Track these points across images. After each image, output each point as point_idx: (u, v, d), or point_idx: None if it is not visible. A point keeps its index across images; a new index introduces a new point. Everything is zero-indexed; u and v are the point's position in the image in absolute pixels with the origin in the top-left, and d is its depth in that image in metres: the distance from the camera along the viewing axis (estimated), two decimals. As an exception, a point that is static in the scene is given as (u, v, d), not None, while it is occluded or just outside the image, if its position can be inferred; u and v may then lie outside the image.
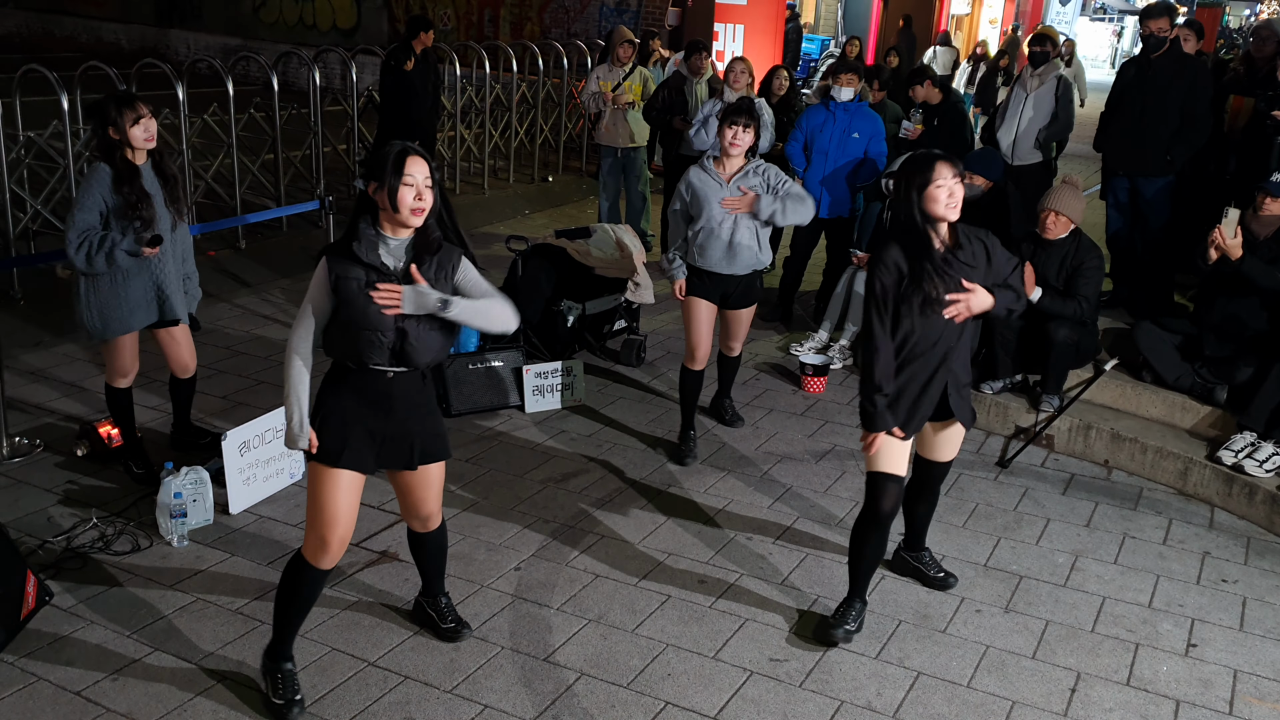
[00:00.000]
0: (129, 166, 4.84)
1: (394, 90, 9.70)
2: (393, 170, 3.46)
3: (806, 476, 5.77)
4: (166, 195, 4.98)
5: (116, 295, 4.94)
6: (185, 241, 5.23)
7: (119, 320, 4.99)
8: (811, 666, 4.18)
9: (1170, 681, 4.19)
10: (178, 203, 5.04)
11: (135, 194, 4.81)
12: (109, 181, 4.79)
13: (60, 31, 23.79)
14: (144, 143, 4.84)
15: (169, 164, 5.05)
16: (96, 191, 4.77)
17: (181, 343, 5.31)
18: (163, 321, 5.16)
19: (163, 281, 5.04)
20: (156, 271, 5.01)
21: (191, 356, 5.39)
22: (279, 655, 3.84)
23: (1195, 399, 6.14)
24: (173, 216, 5.02)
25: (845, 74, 7.73)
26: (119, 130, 4.80)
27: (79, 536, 4.83)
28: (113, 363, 5.18)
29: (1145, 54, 7.08)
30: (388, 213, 3.52)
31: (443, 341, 3.69)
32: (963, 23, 28.11)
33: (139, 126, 4.81)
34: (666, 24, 15.51)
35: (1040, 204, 6.26)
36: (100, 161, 4.84)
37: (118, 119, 4.79)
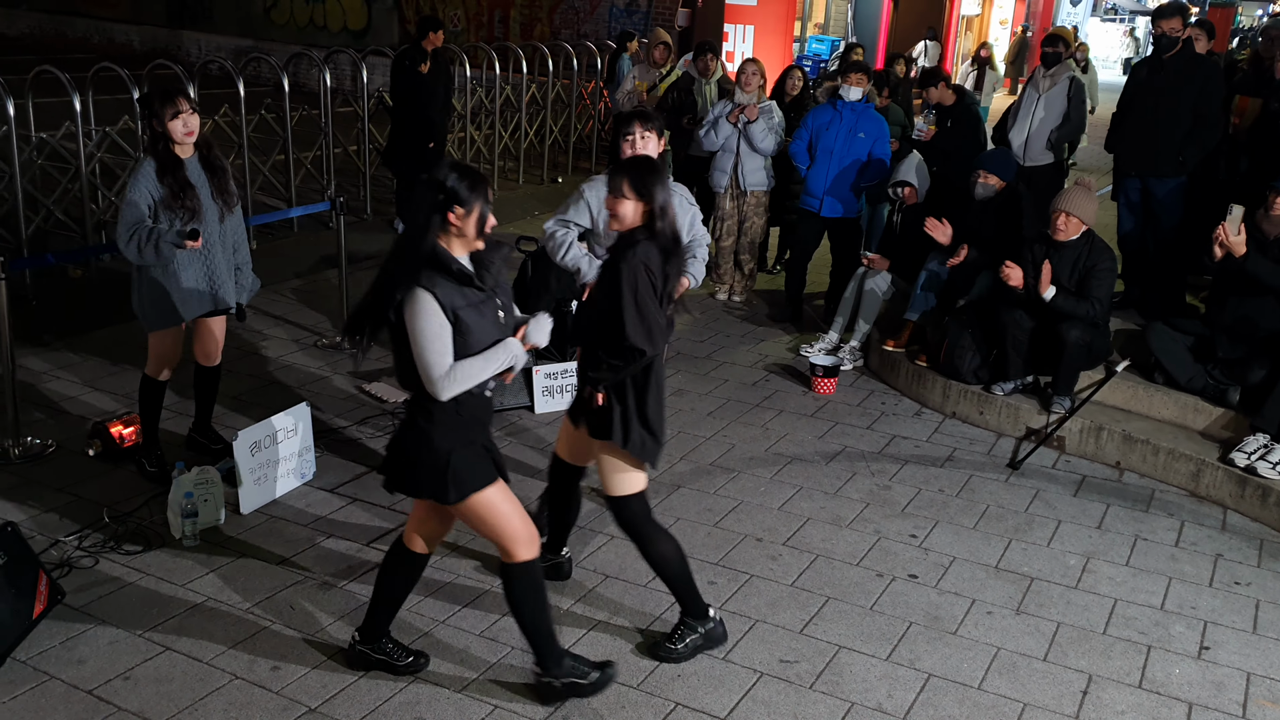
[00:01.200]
0: (172, 158, 4.94)
1: (408, 91, 9.71)
2: (481, 196, 3.47)
3: (816, 478, 5.76)
4: (214, 186, 5.07)
5: (169, 286, 5.04)
6: (237, 232, 5.33)
7: (171, 310, 5.10)
8: (822, 668, 4.17)
9: (1183, 684, 4.18)
10: (226, 193, 5.13)
11: (179, 185, 4.92)
12: (154, 174, 4.90)
13: (73, 33, 23.88)
14: (183, 136, 4.93)
15: (217, 156, 5.15)
16: (143, 185, 4.88)
17: (216, 332, 5.41)
18: (214, 311, 5.26)
19: (214, 271, 5.16)
20: (207, 262, 5.12)
21: (220, 346, 5.47)
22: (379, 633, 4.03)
23: (1207, 400, 6.12)
24: (220, 207, 5.11)
25: (854, 74, 7.73)
26: (160, 123, 4.90)
27: (90, 536, 4.84)
28: (155, 352, 5.25)
29: (1157, 54, 7.05)
30: (464, 238, 3.50)
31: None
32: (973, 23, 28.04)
33: (178, 121, 4.90)
34: (676, 25, 15.50)
35: (1052, 205, 6.24)
36: (147, 156, 4.95)
37: (159, 112, 4.89)
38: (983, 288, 6.86)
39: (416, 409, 3.60)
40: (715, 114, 8.16)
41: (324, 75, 10.19)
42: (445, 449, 3.57)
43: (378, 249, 9.58)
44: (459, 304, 3.46)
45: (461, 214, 3.45)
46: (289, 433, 5.29)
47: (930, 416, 6.69)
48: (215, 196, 5.08)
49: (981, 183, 6.94)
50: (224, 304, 5.26)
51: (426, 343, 3.42)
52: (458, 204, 3.44)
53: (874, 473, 5.87)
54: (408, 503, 5.21)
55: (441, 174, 3.46)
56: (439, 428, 3.57)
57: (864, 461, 6.00)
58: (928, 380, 6.84)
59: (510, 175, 12.63)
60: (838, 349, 7.50)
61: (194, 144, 5.02)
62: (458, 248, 3.52)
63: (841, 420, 6.57)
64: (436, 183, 3.44)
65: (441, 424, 3.56)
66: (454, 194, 3.44)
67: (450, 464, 3.57)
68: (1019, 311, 6.28)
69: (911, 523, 5.34)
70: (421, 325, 3.41)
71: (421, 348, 3.43)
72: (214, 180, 5.09)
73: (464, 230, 3.48)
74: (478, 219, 3.48)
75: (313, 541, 4.87)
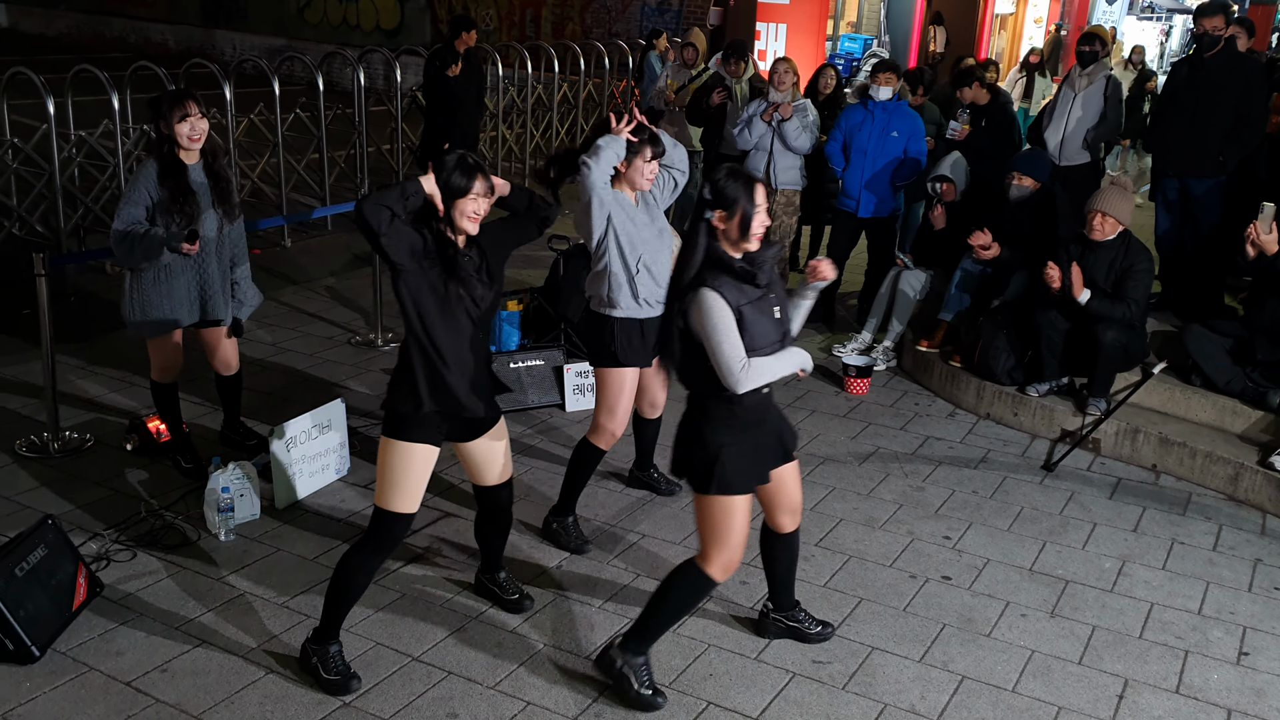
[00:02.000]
0: (176, 162, 4.90)
1: (439, 92, 9.75)
2: (748, 197, 3.54)
3: (850, 478, 5.74)
4: (215, 195, 5.01)
5: (159, 293, 4.99)
6: (237, 244, 5.27)
7: (160, 318, 5.04)
8: (855, 669, 4.16)
9: (1221, 690, 4.13)
10: (227, 203, 5.06)
11: (180, 190, 4.87)
12: (155, 176, 4.86)
13: (110, 32, 24.13)
14: (189, 141, 4.89)
15: (221, 164, 5.09)
16: (143, 186, 4.85)
17: (223, 341, 5.36)
18: (204, 322, 5.21)
19: (206, 281, 5.08)
20: (200, 271, 5.05)
21: (234, 354, 5.44)
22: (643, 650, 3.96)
23: (1246, 403, 6.05)
24: (220, 217, 5.05)
25: (884, 73, 7.70)
26: (168, 125, 4.87)
27: (128, 530, 4.89)
28: (155, 359, 5.25)
29: (1199, 53, 6.98)
30: (734, 240, 3.58)
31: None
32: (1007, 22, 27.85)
33: (185, 124, 4.87)
34: (708, 23, 15.48)
35: (1088, 205, 6.19)
36: (151, 157, 4.92)
37: (167, 115, 4.86)
38: (1017, 288, 6.81)
39: (694, 406, 3.76)
40: (749, 113, 8.14)
41: (358, 74, 10.24)
42: (716, 445, 3.67)
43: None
44: (741, 301, 3.56)
45: (723, 216, 3.55)
46: (324, 429, 5.33)
47: (964, 418, 6.65)
48: (216, 206, 5.01)
49: (1016, 184, 6.90)
50: (213, 315, 5.15)
51: (721, 338, 3.52)
52: (719, 207, 3.55)
53: (907, 474, 5.84)
54: (439, 500, 5.24)
55: (712, 176, 3.59)
56: (712, 424, 3.69)
57: (897, 462, 5.97)
58: (962, 381, 6.81)
59: (542, 174, 12.65)
60: (871, 349, 7.47)
61: (200, 150, 4.97)
62: (730, 248, 3.60)
63: (874, 421, 6.55)
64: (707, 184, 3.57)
65: (715, 421, 3.68)
66: (716, 196, 3.56)
67: (720, 459, 3.67)
68: (1054, 312, 6.23)
69: (945, 524, 5.31)
70: (714, 323, 3.51)
71: (717, 344, 3.52)
72: (216, 189, 5.01)
73: (728, 232, 3.57)
74: (740, 221, 3.55)
75: (347, 537, 4.89)
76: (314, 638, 3.98)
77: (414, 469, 3.82)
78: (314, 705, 3.83)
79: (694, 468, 3.74)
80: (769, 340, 3.63)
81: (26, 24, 25.87)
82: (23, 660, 3.94)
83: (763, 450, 3.81)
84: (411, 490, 3.84)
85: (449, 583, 4.58)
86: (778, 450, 3.90)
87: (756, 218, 3.56)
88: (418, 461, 3.82)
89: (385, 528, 3.86)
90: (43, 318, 5.55)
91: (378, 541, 3.87)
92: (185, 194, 4.88)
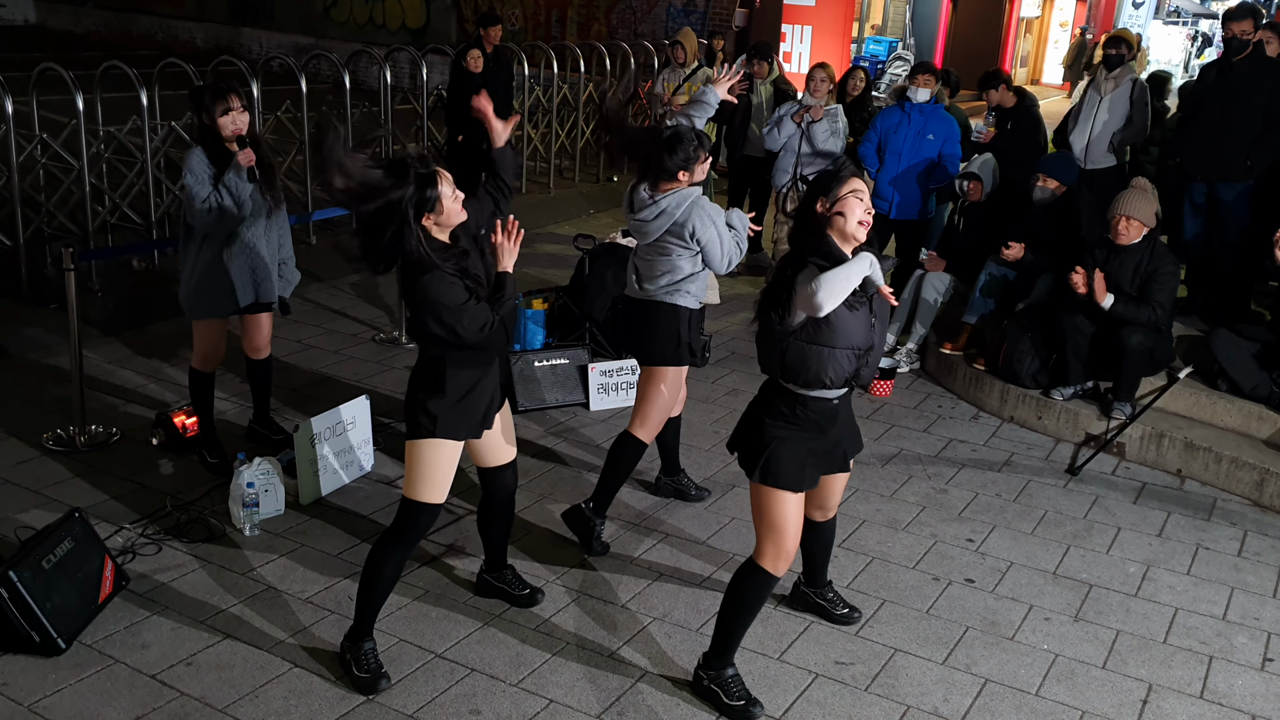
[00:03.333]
0: (223, 151, 5.03)
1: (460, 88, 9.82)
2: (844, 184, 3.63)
3: (873, 480, 5.73)
4: (261, 183, 5.13)
5: (217, 276, 5.12)
6: (283, 229, 5.40)
7: (216, 301, 5.18)
8: (878, 670, 4.15)
9: (1246, 696, 4.11)
10: (274, 190, 5.20)
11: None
12: (206, 157, 5.00)
13: (137, 30, 24.28)
14: (231, 133, 5.00)
15: (266, 154, 5.22)
16: (199, 167, 4.98)
17: (264, 326, 5.48)
18: (256, 305, 5.32)
19: (257, 266, 5.22)
20: (252, 257, 5.19)
21: (267, 340, 5.53)
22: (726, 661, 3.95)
23: (1272, 409, 6.01)
24: (268, 204, 5.18)
25: (922, 75, 7.69)
26: (210, 118, 4.98)
27: (154, 523, 4.92)
28: (200, 344, 5.33)
29: (1226, 57, 6.93)
30: (838, 231, 3.65)
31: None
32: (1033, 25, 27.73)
33: (228, 118, 4.99)
34: (734, 25, 15.47)
35: (1111, 210, 6.16)
36: (196, 145, 5.04)
37: (210, 107, 4.97)
38: (1042, 291, 6.78)
39: (765, 395, 3.86)
40: (780, 114, 8.15)
41: (384, 73, 10.28)
42: (770, 436, 3.75)
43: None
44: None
45: (826, 205, 3.65)
46: (349, 425, 5.36)
47: (988, 420, 6.63)
48: (264, 193, 5.13)
49: (1040, 186, 6.87)
50: (267, 298, 5.30)
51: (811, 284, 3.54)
52: (821, 194, 3.65)
53: (930, 476, 5.82)
54: (464, 496, 5.25)
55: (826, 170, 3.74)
56: (773, 417, 3.78)
57: (920, 464, 5.96)
58: (985, 384, 6.78)
59: (567, 174, 12.68)
60: (895, 351, 7.45)
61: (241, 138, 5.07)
62: (839, 239, 3.67)
63: (898, 423, 6.53)
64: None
65: (776, 415, 3.77)
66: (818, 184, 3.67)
67: (769, 449, 3.75)
68: (1079, 316, 6.20)
69: (968, 527, 5.29)
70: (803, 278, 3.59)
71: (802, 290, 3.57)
72: (262, 177, 5.13)
73: (834, 224, 3.65)
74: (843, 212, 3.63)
75: (371, 533, 4.91)
76: (350, 634, 4.00)
77: (443, 461, 3.86)
78: (338, 700, 3.85)
79: (746, 449, 3.85)
80: (852, 343, 3.67)
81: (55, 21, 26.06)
82: (49, 652, 3.97)
83: (816, 455, 3.84)
84: (440, 482, 3.88)
85: (473, 580, 4.59)
86: (835, 458, 3.96)
87: (857, 211, 3.63)
88: (446, 454, 3.86)
89: (411, 519, 3.89)
90: (71, 312, 5.60)
91: (404, 533, 3.90)
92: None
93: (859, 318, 3.67)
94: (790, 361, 3.68)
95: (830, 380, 3.67)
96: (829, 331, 3.62)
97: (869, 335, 3.71)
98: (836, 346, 3.64)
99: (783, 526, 3.78)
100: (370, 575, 3.91)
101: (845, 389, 3.77)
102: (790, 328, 3.65)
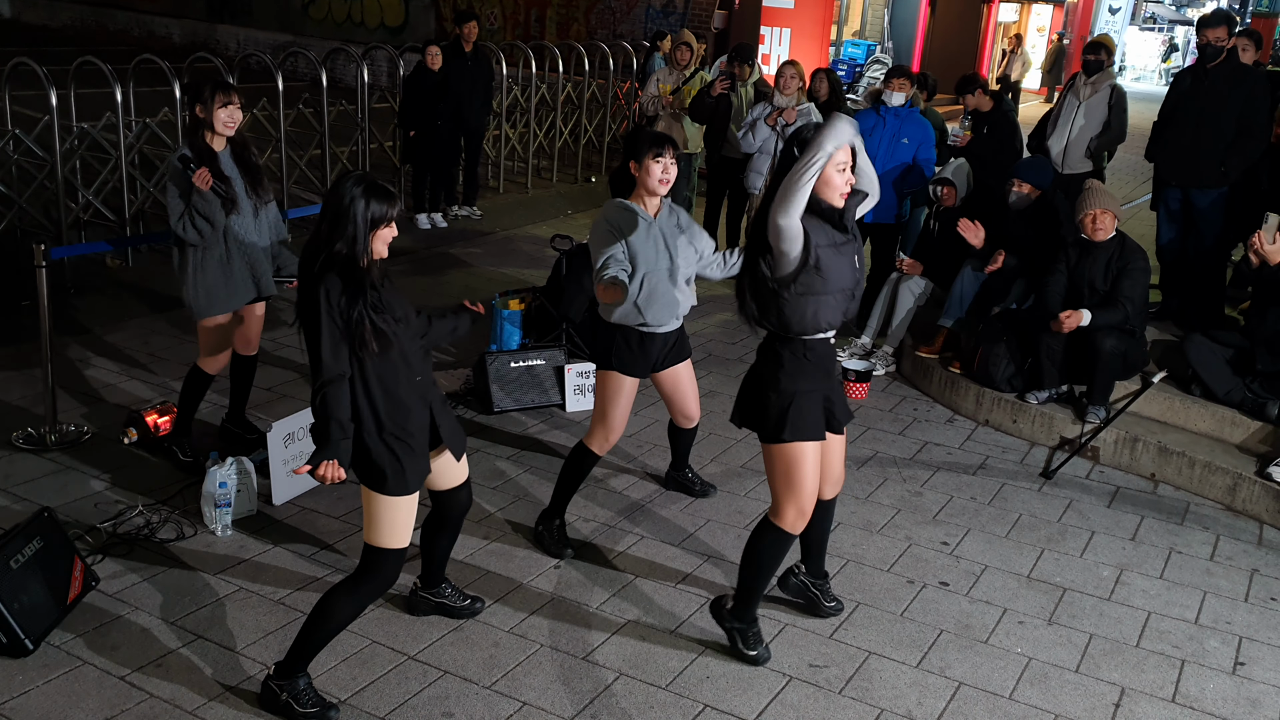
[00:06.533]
0: (208, 149, 5.10)
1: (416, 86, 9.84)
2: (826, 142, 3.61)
3: (848, 483, 5.73)
4: (247, 182, 5.22)
5: (222, 275, 5.20)
6: (275, 223, 5.44)
7: (224, 298, 5.25)
8: (852, 673, 4.15)
9: (1217, 700, 4.13)
10: (260, 188, 5.29)
11: (215, 175, 5.06)
12: (183, 168, 5.04)
13: (113, 25, 24.11)
14: (225, 127, 5.10)
15: (252, 153, 5.32)
16: (178, 182, 5.06)
17: (259, 319, 5.54)
18: (258, 297, 5.42)
19: (254, 261, 5.31)
20: (247, 255, 5.27)
21: (258, 333, 5.58)
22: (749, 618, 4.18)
23: (1245, 414, 6.05)
24: (254, 203, 5.25)
25: (897, 79, 7.70)
26: (206, 110, 5.06)
27: (125, 523, 4.88)
28: (208, 342, 5.36)
29: (1201, 64, 6.98)
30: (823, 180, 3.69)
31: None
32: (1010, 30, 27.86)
33: (225, 110, 5.08)
34: (713, 26, 15.48)
35: (1079, 210, 6.19)
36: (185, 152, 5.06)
37: (209, 100, 5.06)
38: (1018, 295, 6.81)
39: (767, 355, 3.91)
40: (753, 116, 8.15)
41: (362, 71, 10.24)
42: (791, 391, 3.83)
43: (410, 244, 9.62)
44: (822, 243, 3.71)
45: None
46: (322, 425, 5.32)
47: (963, 424, 6.65)
48: (249, 192, 5.22)
49: (1016, 191, 6.90)
50: (265, 291, 5.41)
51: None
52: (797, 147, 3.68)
53: (905, 479, 5.84)
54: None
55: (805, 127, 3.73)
56: (786, 371, 3.84)
57: (895, 467, 5.97)
58: (961, 387, 6.80)
59: (544, 174, 12.65)
60: (870, 354, 7.47)
61: (228, 138, 5.17)
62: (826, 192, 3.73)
63: (873, 426, 6.54)
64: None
65: (789, 368, 3.84)
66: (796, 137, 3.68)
67: (794, 404, 3.82)
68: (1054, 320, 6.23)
69: (943, 530, 5.31)
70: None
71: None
72: (247, 176, 5.23)
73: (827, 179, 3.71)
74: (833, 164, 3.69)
75: (344, 534, 4.89)
76: (279, 673, 3.72)
77: (403, 512, 3.65)
78: (309, 702, 3.81)
79: (767, 416, 3.89)
80: (842, 285, 3.77)
81: (30, 15, 25.86)
82: (16, 653, 3.93)
83: (830, 403, 3.95)
84: (404, 526, 3.66)
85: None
86: (833, 413, 4.02)
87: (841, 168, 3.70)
88: (405, 505, 3.65)
89: (376, 566, 3.66)
90: (42, 309, 5.55)
91: (372, 581, 3.67)
92: (221, 179, 5.09)
93: (845, 260, 3.77)
94: (789, 313, 3.77)
95: (828, 324, 3.81)
96: (821, 280, 3.72)
97: (854, 274, 3.82)
98: (829, 293, 3.74)
99: (803, 484, 3.89)
100: (321, 616, 3.64)
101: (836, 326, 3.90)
102: (783, 279, 3.72)
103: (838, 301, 3.79)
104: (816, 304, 3.75)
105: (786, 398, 3.84)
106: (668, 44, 12.47)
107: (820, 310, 3.76)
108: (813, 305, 3.75)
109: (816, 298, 3.74)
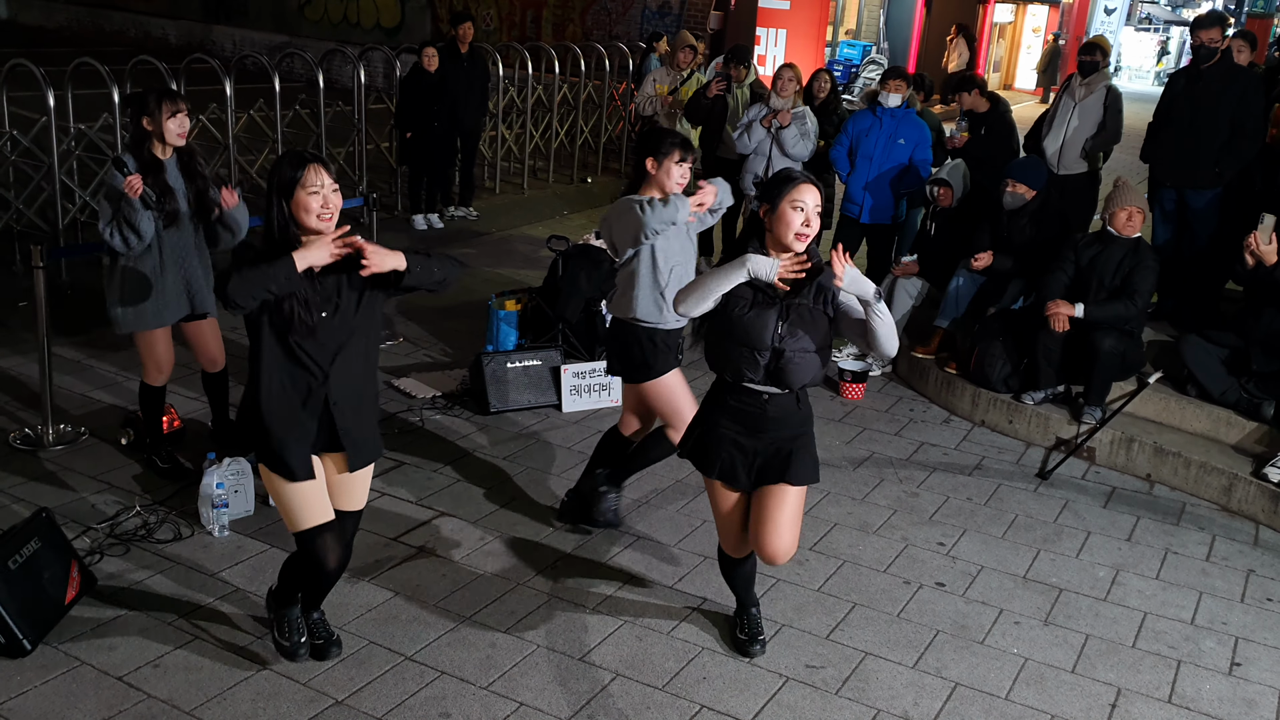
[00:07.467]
0: (154, 160, 4.91)
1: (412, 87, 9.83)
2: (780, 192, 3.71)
3: (844, 483, 5.75)
4: (191, 194, 5.00)
5: (150, 289, 4.99)
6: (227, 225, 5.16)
7: (153, 313, 5.05)
8: (848, 674, 4.16)
9: (1213, 700, 4.14)
10: (204, 201, 5.02)
11: (159, 187, 4.88)
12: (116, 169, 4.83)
13: (109, 26, 24.06)
14: (176, 137, 4.91)
15: (199, 163, 5.08)
16: (112, 194, 4.83)
17: (209, 337, 5.34)
18: (192, 315, 5.20)
19: (190, 275, 5.09)
20: (184, 268, 5.05)
21: (219, 350, 5.41)
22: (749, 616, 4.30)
23: (1241, 414, 6.07)
24: (193, 217, 5.02)
25: (893, 80, 7.71)
26: (154, 122, 4.87)
27: (122, 524, 4.88)
28: (147, 358, 5.21)
29: (1195, 64, 7.00)
30: (773, 236, 3.73)
31: (818, 367, 3.83)
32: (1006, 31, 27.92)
33: (175, 120, 4.88)
34: (709, 27, 15.49)
35: (1117, 204, 6.21)
36: (121, 156, 4.88)
37: (155, 111, 4.86)
38: (1014, 296, 6.83)
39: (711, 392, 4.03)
40: (749, 118, 8.16)
41: (358, 71, 10.24)
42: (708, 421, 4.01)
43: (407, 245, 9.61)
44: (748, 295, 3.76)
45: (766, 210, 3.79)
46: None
47: (959, 424, 6.66)
48: (191, 203, 5.00)
49: (1010, 192, 6.91)
50: (201, 309, 5.18)
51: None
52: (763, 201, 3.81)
53: (902, 479, 5.85)
54: (436, 498, 5.24)
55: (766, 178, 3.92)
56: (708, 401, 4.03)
57: (892, 468, 5.98)
58: (957, 388, 6.82)
59: (540, 175, 12.66)
60: (867, 354, 7.48)
61: (175, 150, 4.97)
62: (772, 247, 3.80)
63: (869, 426, 6.55)
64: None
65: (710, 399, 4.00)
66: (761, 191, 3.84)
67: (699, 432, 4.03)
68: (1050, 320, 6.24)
69: (939, 530, 5.32)
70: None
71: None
72: (191, 187, 5.01)
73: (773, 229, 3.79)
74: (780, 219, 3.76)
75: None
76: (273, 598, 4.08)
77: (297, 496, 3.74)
78: (307, 702, 3.82)
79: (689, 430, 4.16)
80: (749, 343, 3.74)
81: (26, 16, 25.80)
82: (14, 654, 3.93)
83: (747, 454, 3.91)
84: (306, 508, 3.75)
85: (443, 581, 4.58)
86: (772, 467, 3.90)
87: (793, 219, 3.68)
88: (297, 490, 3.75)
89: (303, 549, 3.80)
90: (39, 310, 5.54)
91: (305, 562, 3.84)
92: (165, 192, 4.89)
93: (759, 319, 3.72)
94: (708, 350, 3.91)
95: (747, 375, 3.78)
96: (730, 327, 3.75)
97: (768, 338, 3.72)
98: (735, 343, 3.76)
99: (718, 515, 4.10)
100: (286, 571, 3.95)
101: (780, 389, 3.80)
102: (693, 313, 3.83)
103: (745, 356, 3.75)
104: (725, 350, 3.81)
105: (700, 422, 4.03)
106: (664, 45, 12.48)
107: (728, 357, 3.81)
108: (723, 350, 3.82)
109: (726, 344, 3.80)
